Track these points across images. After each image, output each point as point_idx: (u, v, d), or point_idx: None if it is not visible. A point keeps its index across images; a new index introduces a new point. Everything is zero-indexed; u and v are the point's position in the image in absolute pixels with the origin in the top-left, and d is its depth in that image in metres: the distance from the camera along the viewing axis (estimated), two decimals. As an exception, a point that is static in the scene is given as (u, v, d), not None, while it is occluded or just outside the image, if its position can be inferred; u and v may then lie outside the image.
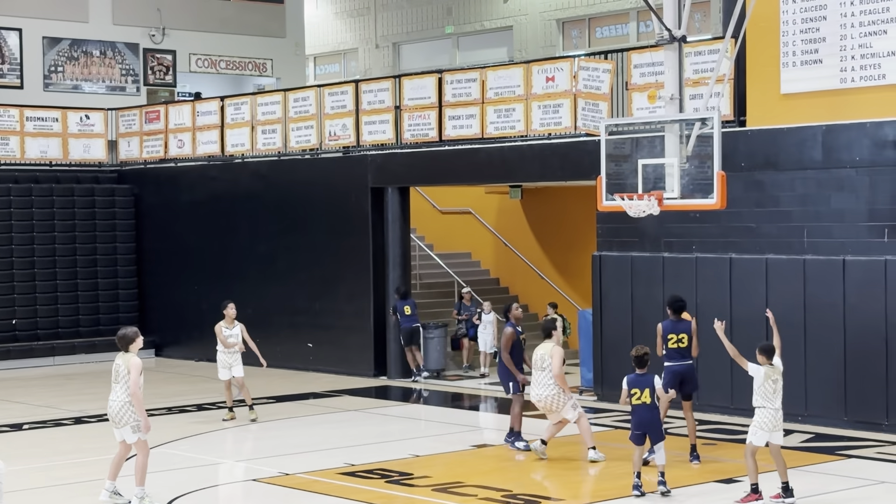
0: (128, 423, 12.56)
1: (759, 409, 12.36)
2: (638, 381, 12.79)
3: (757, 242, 17.25)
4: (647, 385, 12.75)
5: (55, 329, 25.76)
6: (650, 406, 12.79)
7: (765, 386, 12.34)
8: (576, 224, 23.87)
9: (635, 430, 12.78)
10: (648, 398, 12.74)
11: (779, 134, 17.13)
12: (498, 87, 20.67)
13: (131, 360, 12.60)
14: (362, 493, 13.17)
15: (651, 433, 12.78)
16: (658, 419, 12.95)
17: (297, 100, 24.00)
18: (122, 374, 12.59)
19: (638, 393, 12.74)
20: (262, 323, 24.23)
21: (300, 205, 23.65)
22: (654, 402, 12.80)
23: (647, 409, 12.78)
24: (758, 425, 12.33)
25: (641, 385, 12.76)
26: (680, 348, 14.57)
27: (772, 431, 12.33)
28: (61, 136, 26.75)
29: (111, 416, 12.69)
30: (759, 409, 12.36)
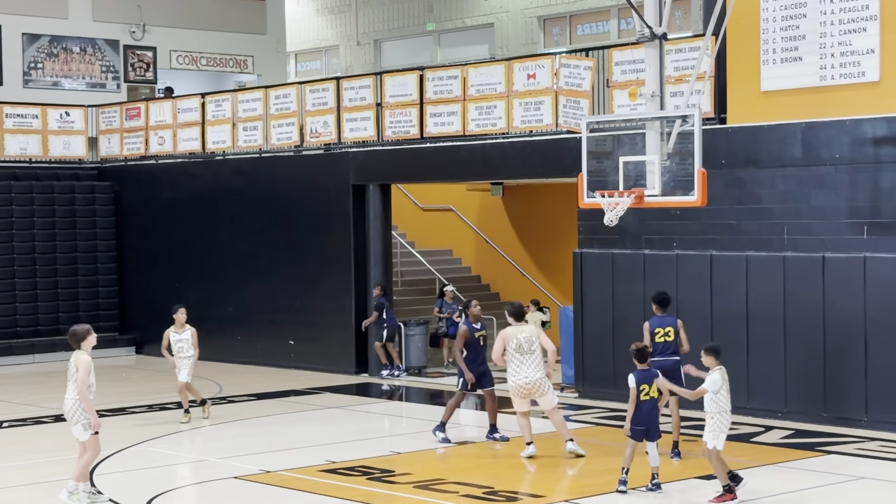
0: (79, 421, 12.43)
1: (720, 413, 12.03)
2: (645, 377, 12.58)
3: (737, 239, 17.31)
4: (652, 379, 12.60)
5: (35, 327, 25.66)
6: (654, 402, 12.66)
7: (722, 389, 12.03)
8: (557, 221, 23.91)
9: (638, 425, 12.55)
10: (655, 393, 12.62)
11: (759, 131, 17.19)
12: (479, 85, 20.69)
13: (80, 357, 12.49)
14: (343, 490, 13.16)
15: (651, 430, 12.62)
16: (658, 416, 12.81)
17: (278, 97, 23.96)
18: (73, 372, 12.50)
19: (646, 388, 12.55)
20: (243, 320, 24.24)
21: (281, 202, 23.61)
22: (658, 397, 12.71)
23: (653, 404, 12.63)
24: (718, 429, 12.04)
25: (649, 380, 12.58)
26: (667, 342, 14.64)
27: (726, 433, 12.13)
28: (41, 133, 26.65)
29: (65, 414, 12.61)
30: (719, 413, 12.03)
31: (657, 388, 12.64)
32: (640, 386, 12.50)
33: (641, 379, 12.55)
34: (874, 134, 16.16)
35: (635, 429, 12.57)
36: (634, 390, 12.48)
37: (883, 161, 16.07)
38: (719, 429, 12.04)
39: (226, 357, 24.09)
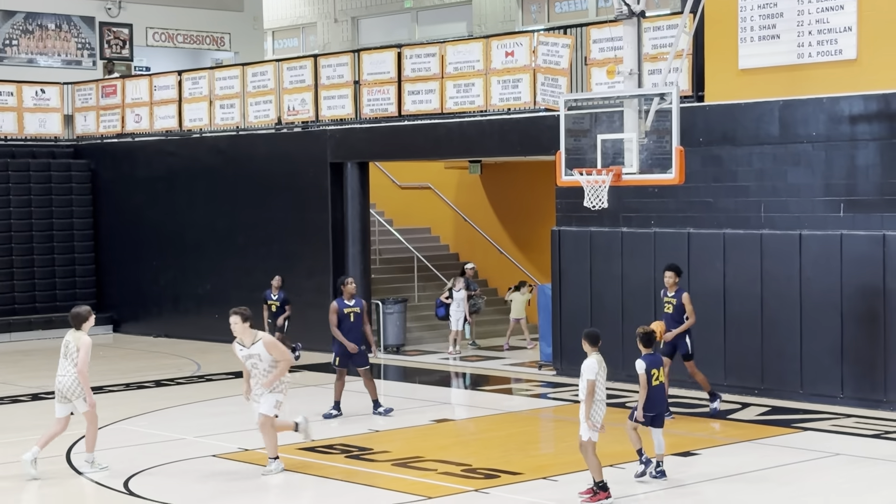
0: (80, 396, 12.85)
1: (599, 401, 11.36)
2: (652, 361, 12.16)
3: (715, 217, 17.35)
4: (660, 364, 12.24)
5: (11, 305, 25.56)
6: (663, 387, 12.27)
7: (599, 377, 11.35)
8: (535, 199, 23.92)
9: (649, 411, 12.07)
10: (664, 377, 12.27)
11: (736, 109, 17.22)
12: (457, 62, 20.65)
13: (82, 338, 12.89)
14: (322, 468, 13.18)
15: (659, 416, 12.20)
16: (666, 402, 12.48)
17: (255, 74, 23.87)
18: (72, 351, 12.84)
19: (656, 373, 12.10)
20: (221, 299, 24.16)
21: (259, 180, 23.55)
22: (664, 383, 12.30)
23: (661, 389, 12.22)
24: (595, 419, 11.37)
25: (657, 365, 12.17)
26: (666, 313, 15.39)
27: (601, 423, 11.43)
28: (16, 111, 26.48)
29: (61, 391, 12.89)
30: (598, 401, 11.35)
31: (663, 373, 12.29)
32: (650, 371, 12.05)
33: (651, 364, 12.12)
34: (851, 112, 16.21)
35: (647, 415, 12.11)
36: (644, 376, 11.99)
37: (859, 139, 16.13)
38: (596, 420, 11.39)
39: (203, 335, 24.05)
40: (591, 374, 11.25)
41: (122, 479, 12.65)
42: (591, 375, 11.24)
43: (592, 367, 11.28)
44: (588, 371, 11.28)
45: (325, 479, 12.68)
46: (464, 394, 18.44)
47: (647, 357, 12.17)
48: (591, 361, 11.33)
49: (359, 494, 12.05)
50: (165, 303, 25.48)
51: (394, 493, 12.00)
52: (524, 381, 18.88)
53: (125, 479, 12.65)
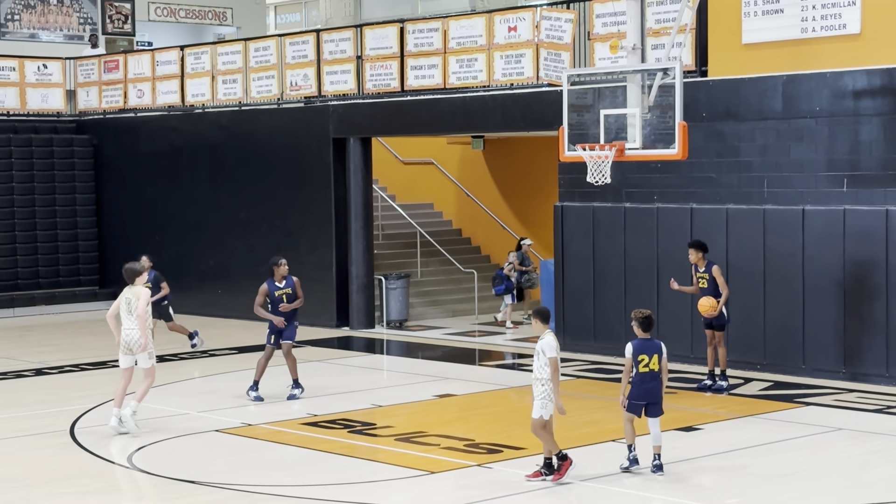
0: (145, 350, 13.71)
1: (550, 380, 11.12)
2: (645, 347, 11.53)
3: (717, 192, 17.33)
4: (654, 351, 11.53)
5: (14, 280, 25.59)
6: (656, 374, 11.56)
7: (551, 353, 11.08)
8: (538, 174, 23.90)
9: (636, 400, 11.53)
10: (656, 365, 11.54)
11: (740, 84, 17.17)
12: (460, 37, 20.60)
13: (141, 291, 13.80)
14: (325, 443, 13.21)
15: (652, 405, 11.58)
16: (661, 390, 11.65)
17: (257, 49, 23.82)
18: (133, 306, 13.71)
19: (645, 359, 11.49)
20: (224, 274, 24.21)
21: (261, 155, 23.53)
22: (660, 370, 11.59)
23: (653, 377, 11.53)
24: (547, 397, 11.14)
25: (649, 351, 11.51)
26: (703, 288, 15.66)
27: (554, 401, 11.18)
28: (18, 86, 26.44)
29: (127, 343, 13.69)
30: (549, 380, 11.12)
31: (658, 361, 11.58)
32: (638, 356, 11.50)
33: (640, 349, 11.53)
34: (854, 86, 16.17)
35: (634, 403, 11.59)
36: (630, 360, 11.52)
37: (863, 114, 16.09)
38: (548, 396, 11.16)
39: (206, 311, 24.08)
40: (554, 352, 11.12)
41: (127, 454, 12.69)
42: (553, 353, 11.11)
43: (552, 344, 11.12)
44: (549, 349, 11.11)
45: (328, 454, 12.71)
46: (466, 369, 18.45)
47: (638, 341, 11.62)
48: (550, 339, 11.18)
49: (362, 469, 12.09)
50: (168, 278, 25.34)
51: (397, 467, 12.04)
52: (527, 357, 18.90)
53: (129, 454, 12.69)
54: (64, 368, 18.51)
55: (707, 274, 15.58)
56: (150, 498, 11.21)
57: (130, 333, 13.71)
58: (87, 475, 11.99)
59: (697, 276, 15.69)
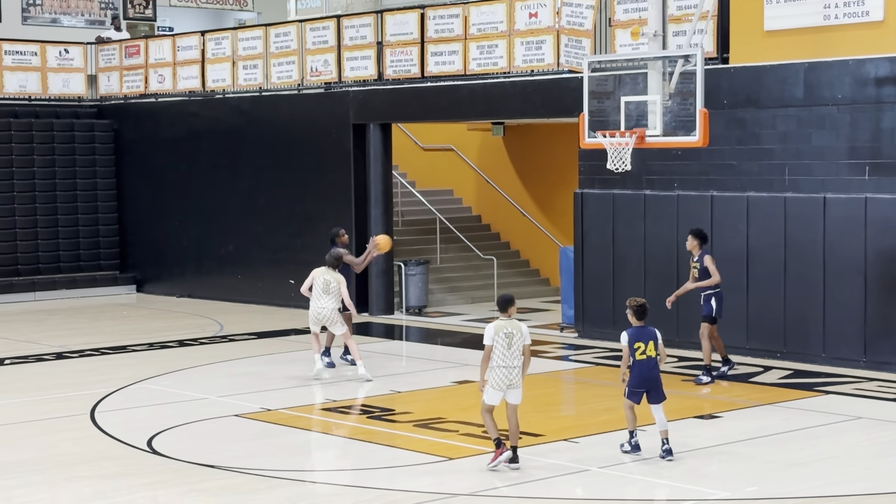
0: (336, 322, 15.82)
1: (497, 368, 11.17)
2: (640, 334, 11.60)
3: (738, 180, 17.28)
4: (650, 338, 11.59)
5: (35, 265, 25.71)
6: (654, 361, 11.59)
7: (498, 342, 11.17)
8: (558, 161, 23.86)
9: (636, 387, 11.60)
10: (653, 352, 11.58)
11: (761, 71, 17.10)
12: (481, 24, 20.56)
13: (339, 277, 15.90)
14: (344, 428, 13.24)
15: (653, 391, 11.63)
16: (660, 376, 11.72)
17: (278, 35, 23.83)
18: (334, 288, 15.74)
19: (642, 347, 11.53)
20: (244, 259, 24.27)
21: (282, 141, 23.56)
22: (657, 356, 11.64)
23: (651, 364, 11.58)
24: (492, 384, 11.20)
25: (645, 338, 11.57)
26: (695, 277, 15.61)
27: (507, 390, 11.26)
28: (40, 71, 26.52)
29: (321, 319, 15.79)
30: (496, 368, 11.17)
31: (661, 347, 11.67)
32: (634, 344, 11.55)
33: (635, 336, 11.59)
34: (877, 74, 16.08)
35: (634, 391, 11.67)
36: (627, 348, 11.58)
37: (885, 101, 16.00)
38: (493, 384, 11.22)
39: (226, 296, 24.16)
40: (487, 340, 11.20)
41: (146, 438, 12.74)
42: (486, 340, 11.20)
43: (488, 332, 11.23)
44: (485, 335, 11.24)
45: (347, 440, 12.74)
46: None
47: (633, 329, 11.67)
48: (489, 326, 11.28)
49: (380, 455, 12.11)
50: (188, 263, 25.56)
51: (415, 453, 12.05)
52: (546, 343, 18.90)
53: (148, 438, 12.74)
54: (84, 352, 18.59)
55: (699, 263, 15.46)
56: (170, 482, 11.26)
57: (323, 311, 15.72)
58: (106, 459, 12.05)
59: (692, 264, 15.63)
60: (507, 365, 11.21)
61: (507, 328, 11.23)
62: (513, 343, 11.21)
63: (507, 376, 11.23)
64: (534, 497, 10.57)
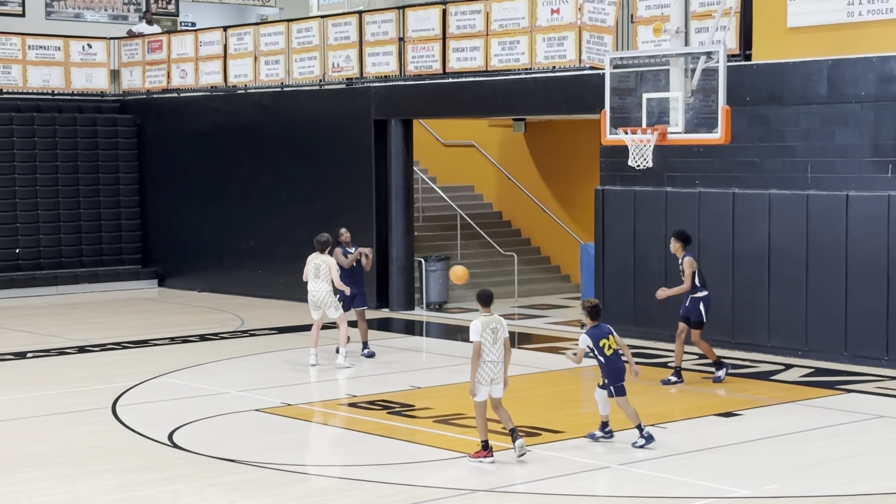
0: (331, 305, 16.38)
1: (483, 363, 11.32)
2: (601, 332, 11.97)
3: (760, 177, 17.23)
4: (608, 333, 11.97)
5: (58, 258, 25.82)
6: (618, 353, 11.99)
7: (485, 338, 11.29)
8: (579, 158, 23.83)
9: (615, 382, 11.94)
10: (615, 345, 11.97)
11: (784, 68, 17.04)
12: (502, 20, 20.54)
13: (329, 259, 16.44)
14: (364, 423, 13.26)
15: (620, 386, 11.99)
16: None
17: (300, 30, 23.86)
18: (324, 271, 16.29)
19: (606, 343, 11.92)
20: (265, 254, 24.32)
21: (303, 136, 23.60)
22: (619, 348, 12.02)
23: (618, 355, 11.99)
24: (479, 381, 11.33)
25: (605, 334, 11.95)
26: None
27: (490, 384, 11.39)
28: (63, 66, 26.63)
29: (317, 302, 16.40)
30: (483, 363, 11.32)
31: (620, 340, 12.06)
32: (599, 342, 11.88)
33: (598, 336, 11.93)
34: (901, 72, 16.01)
35: (618, 385, 11.96)
36: (585, 349, 11.90)
37: (909, 99, 15.93)
38: (479, 380, 11.36)
39: (248, 291, 24.22)
40: (475, 336, 11.26)
41: (167, 432, 12.79)
42: (474, 337, 11.27)
43: (475, 328, 11.27)
44: (472, 332, 11.29)
45: (367, 435, 12.76)
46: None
47: (593, 329, 11.96)
48: (474, 323, 11.34)
49: (400, 451, 12.13)
50: (210, 258, 25.63)
51: (435, 449, 12.07)
52: (566, 340, 18.88)
53: (170, 432, 12.79)
54: (106, 346, 18.67)
55: (680, 266, 15.17)
56: (191, 476, 11.30)
57: (318, 294, 16.34)
58: (128, 453, 12.10)
59: (680, 267, 15.30)
60: (494, 360, 11.38)
61: (492, 323, 11.37)
62: (497, 338, 11.37)
63: (493, 371, 11.39)
64: (554, 493, 10.56)
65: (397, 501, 10.38)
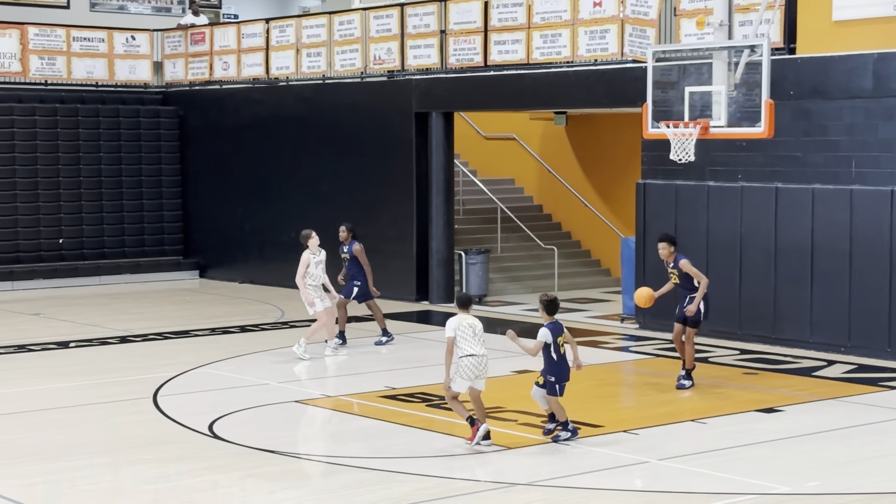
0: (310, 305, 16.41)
1: (460, 358, 11.56)
2: (557, 329, 11.78)
3: (803, 172, 17.09)
4: (563, 330, 11.82)
5: (101, 249, 26.01)
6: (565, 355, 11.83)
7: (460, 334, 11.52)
8: (620, 151, 23.74)
9: (562, 381, 11.81)
10: (567, 342, 11.87)
11: (829, 62, 16.89)
12: (544, 12, 20.48)
13: (302, 255, 16.68)
14: (403, 416, 13.27)
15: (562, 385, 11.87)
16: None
17: (342, 23, 23.89)
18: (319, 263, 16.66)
19: (562, 340, 11.76)
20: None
21: (344, 129, 23.63)
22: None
23: (566, 358, 11.83)
24: (458, 374, 11.57)
25: (561, 331, 11.78)
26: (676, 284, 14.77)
27: (475, 380, 11.62)
28: (107, 57, 26.80)
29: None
30: (459, 358, 11.56)
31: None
32: (557, 339, 11.73)
33: (556, 331, 11.76)
34: (947, 66, 15.83)
35: (561, 385, 11.85)
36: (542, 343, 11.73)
37: (956, 94, 15.75)
38: (463, 375, 11.58)
39: (288, 282, 24.17)
40: (450, 332, 11.49)
41: (207, 422, 12.85)
42: (449, 332, 11.49)
43: (450, 326, 11.51)
44: (447, 329, 11.52)
45: (405, 428, 12.77)
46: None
47: (551, 325, 11.78)
48: (453, 319, 11.53)
49: (438, 443, 12.13)
50: (251, 249, 25.73)
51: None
52: (606, 334, 18.83)
53: (210, 422, 12.85)
54: (148, 336, 18.79)
55: (676, 269, 14.65)
56: (230, 466, 11.34)
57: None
58: (168, 442, 12.17)
59: (669, 271, 14.81)
60: (476, 353, 11.54)
61: (468, 320, 11.56)
62: (476, 332, 11.60)
63: (478, 366, 11.57)
64: (593, 488, 10.53)
65: (436, 494, 10.38)
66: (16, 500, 10.22)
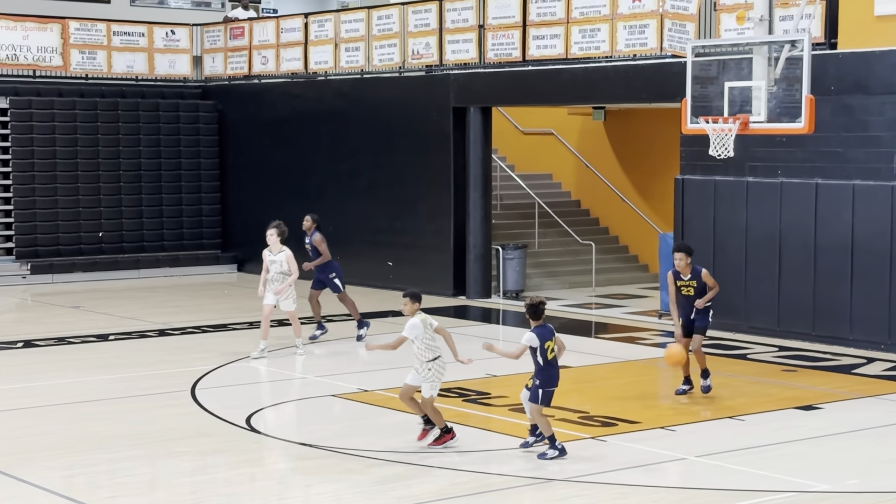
0: (288, 297, 16.31)
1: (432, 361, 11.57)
2: (546, 333, 11.36)
3: (844, 168, 16.96)
4: (552, 335, 11.39)
5: (140, 242, 26.17)
6: (556, 359, 11.43)
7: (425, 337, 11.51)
8: (659, 147, 23.64)
9: (550, 386, 11.34)
10: (557, 346, 11.45)
11: (871, 57, 16.75)
12: (583, 7, 20.41)
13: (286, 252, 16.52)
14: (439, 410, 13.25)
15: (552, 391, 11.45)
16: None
17: (380, 17, 23.90)
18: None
19: (551, 345, 11.34)
20: (342, 240, 24.40)
21: (382, 123, 23.65)
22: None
23: (556, 362, 11.43)
24: (434, 378, 11.62)
25: (550, 336, 11.36)
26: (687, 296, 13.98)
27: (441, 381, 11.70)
28: (147, 52, 26.94)
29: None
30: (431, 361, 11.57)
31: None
32: (545, 344, 11.31)
33: (544, 336, 11.34)
34: None
35: (549, 391, 11.37)
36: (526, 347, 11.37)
37: None
38: (435, 378, 11.59)
39: (325, 276, 24.30)
40: (413, 333, 11.46)
41: (245, 415, 12.90)
42: (412, 334, 11.47)
43: (415, 327, 11.45)
44: (410, 330, 11.47)
45: (443, 422, 12.76)
46: (582, 341, 18.37)
47: (539, 329, 11.38)
48: (414, 321, 11.45)
49: (475, 438, 12.12)
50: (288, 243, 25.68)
51: (510, 437, 12.05)
52: (644, 331, 18.76)
53: (247, 416, 12.90)
54: (186, 330, 18.89)
55: (695, 281, 13.89)
56: (267, 459, 11.39)
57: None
58: (205, 435, 12.22)
59: (680, 283, 14.00)
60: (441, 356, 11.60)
61: (428, 320, 11.55)
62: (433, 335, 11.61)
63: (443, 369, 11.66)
64: (629, 484, 10.50)
65: (472, 489, 10.38)
66: (56, 491, 10.30)
